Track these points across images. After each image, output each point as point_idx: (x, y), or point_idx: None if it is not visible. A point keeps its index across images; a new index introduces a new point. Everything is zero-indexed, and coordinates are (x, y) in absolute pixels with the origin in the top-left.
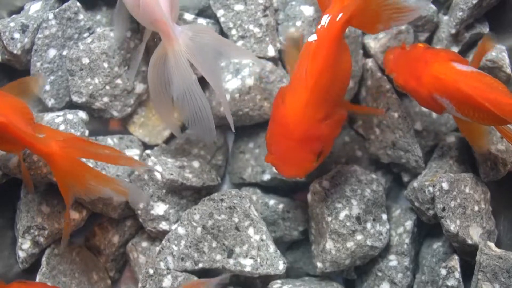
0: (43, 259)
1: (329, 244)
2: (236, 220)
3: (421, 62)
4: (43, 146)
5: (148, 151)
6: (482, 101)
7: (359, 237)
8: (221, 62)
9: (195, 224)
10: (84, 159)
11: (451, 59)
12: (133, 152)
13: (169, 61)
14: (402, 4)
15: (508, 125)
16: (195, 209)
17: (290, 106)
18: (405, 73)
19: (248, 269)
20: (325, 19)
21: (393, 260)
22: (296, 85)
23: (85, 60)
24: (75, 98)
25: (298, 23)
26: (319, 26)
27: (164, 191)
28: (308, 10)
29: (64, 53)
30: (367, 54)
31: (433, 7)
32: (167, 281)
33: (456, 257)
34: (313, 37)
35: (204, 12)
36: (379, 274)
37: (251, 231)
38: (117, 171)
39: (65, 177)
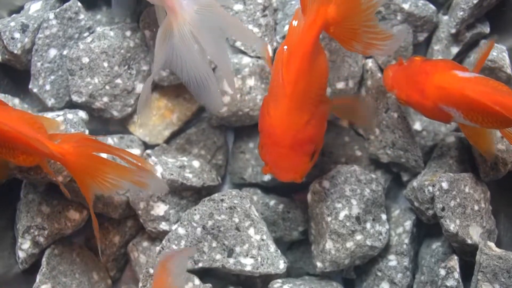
0: (43, 259)
1: (329, 244)
2: (237, 220)
3: (422, 75)
4: (56, 149)
5: (148, 151)
6: (491, 105)
7: (358, 237)
8: (225, 38)
9: (195, 224)
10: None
11: (451, 68)
12: (134, 152)
13: (174, 35)
14: (381, 28)
15: None
16: (195, 209)
17: (275, 116)
18: (407, 87)
19: (248, 268)
20: (295, 26)
21: (392, 260)
22: (276, 94)
23: (85, 60)
24: (75, 97)
25: (295, 22)
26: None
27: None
28: None
29: (65, 52)
30: None
31: (432, 7)
32: None
33: (455, 257)
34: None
35: None
36: (379, 274)
37: (251, 231)
38: None
39: (84, 175)
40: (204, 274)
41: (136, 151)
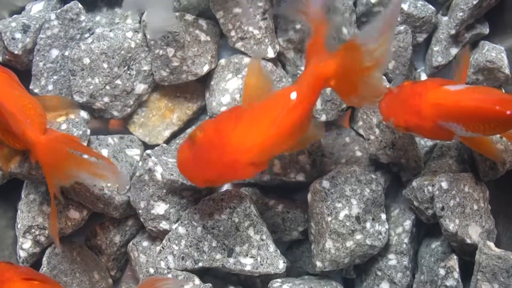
0: (44, 258)
1: (329, 244)
2: (236, 220)
3: (415, 97)
4: (31, 134)
5: (148, 151)
6: (491, 106)
7: (358, 236)
8: None
9: (195, 223)
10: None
11: (441, 84)
12: (134, 152)
13: None
14: (381, 87)
15: None
16: (195, 209)
17: (241, 138)
18: (403, 113)
19: (248, 268)
20: (304, 80)
21: (392, 259)
22: (254, 122)
23: (86, 60)
24: (76, 97)
25: (298, 26)
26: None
27: (164, 191)
28: None
29: (66, 53)
30: None
31: (431, 7)
32: None
33: (455, 257)
34: (293, 94)
35: (204, 13)
36: (379, 273)
37: (251, 231)
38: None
39: (49, 165)
40: (204, 273)
41: (136, 151)
